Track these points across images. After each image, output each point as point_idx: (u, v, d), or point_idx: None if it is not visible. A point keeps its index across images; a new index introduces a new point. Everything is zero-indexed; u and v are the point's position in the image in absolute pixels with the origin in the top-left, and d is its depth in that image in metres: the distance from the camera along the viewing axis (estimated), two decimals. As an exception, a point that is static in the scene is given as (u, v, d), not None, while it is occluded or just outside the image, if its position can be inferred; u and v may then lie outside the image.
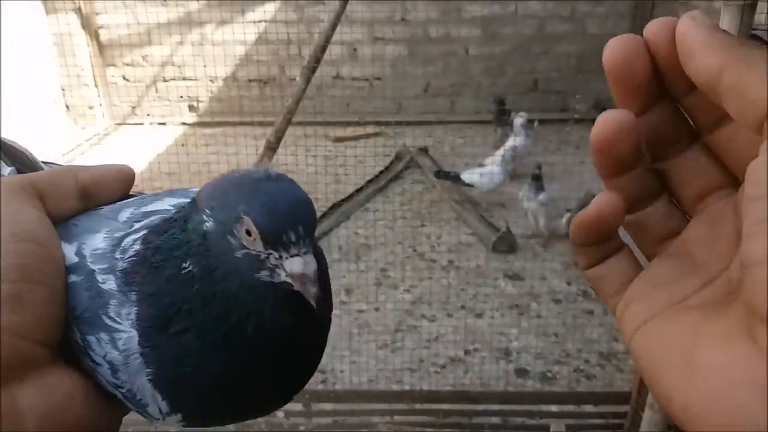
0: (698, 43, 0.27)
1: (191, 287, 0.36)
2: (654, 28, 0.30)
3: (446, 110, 6.27)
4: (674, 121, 0.32)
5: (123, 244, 0.39)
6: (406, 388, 2.57)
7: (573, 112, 5.79)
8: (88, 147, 5.78)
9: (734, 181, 0.31)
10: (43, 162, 0.48)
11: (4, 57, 4.89)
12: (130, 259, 0.38)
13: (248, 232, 0.35)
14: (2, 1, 4.86)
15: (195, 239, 0.36)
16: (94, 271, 0.38)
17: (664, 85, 0.31)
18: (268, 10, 6.03)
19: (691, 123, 0.32)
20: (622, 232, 0.34)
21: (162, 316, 0.36)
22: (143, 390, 0.37)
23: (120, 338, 0.36)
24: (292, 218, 0.35)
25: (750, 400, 0.23)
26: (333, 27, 2.37)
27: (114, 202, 0.43)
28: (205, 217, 0.36)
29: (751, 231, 0.24)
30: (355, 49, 6.09)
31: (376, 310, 3.13)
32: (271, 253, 0.35)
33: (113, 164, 0.43)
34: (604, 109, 0.32)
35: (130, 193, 0.45)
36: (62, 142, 5.64)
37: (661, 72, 0.30)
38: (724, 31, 0.27)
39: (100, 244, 0.39)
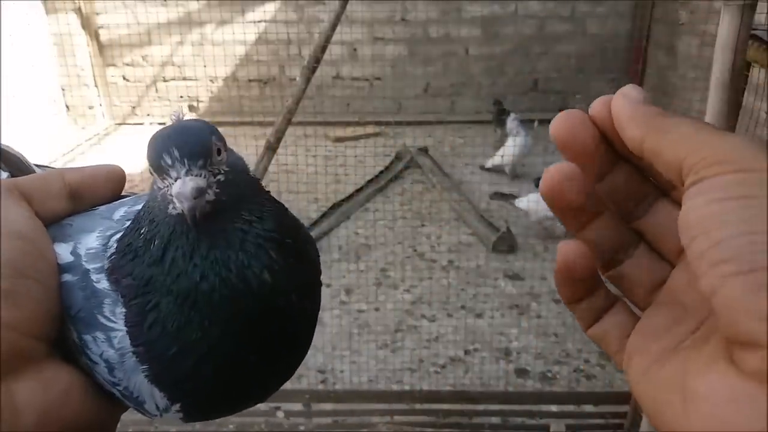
0: (625, 118, 0.31)
1: (147, 254, 0.36)
2: (597, 107, 0.33)
3: (446, 110, 6.27)
4: (637, 182, 0.35)
5: (110, 243, 0.39)
6: (406, 388, 2.57)
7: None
8: (88, 147, 5.78)
9: None
10: (36, 165, 0.48)
11: (4, 57, 4.89)
12: (111, 257, 0.38)
13: (152, 172, 0.36)
14: (2, 1, 4.86)
15: (148, 202, 0.38)
16: (88, 270, 0.38)
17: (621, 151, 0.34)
18: (268, 10, 6.04)
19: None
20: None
21: (137, 313, 0.36)
22: (140, 387, 0.37)
23: (115, 337, 0.36)
24: (165, 144, 0.35)
25: (735, 417, 0.24)
26: (333, 27, 2.37)
27: (106, 202, 0.43)
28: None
29: (696, 270, 0.26)
30: (355, 49, 6.09)
31: (376, 310, 3.13)
32: (166, 186, 0.35)
33: (103, 165, 0.44)
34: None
35: (127, 192, 0.45)
36: (62, 142, 5.65)
37: (612, 141, 0.33)
38: (650, 103, 0.31)
39: (93, 243, 0.39)
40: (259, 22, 5.91)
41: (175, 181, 0.35)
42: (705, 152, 0.27)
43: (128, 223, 0.40)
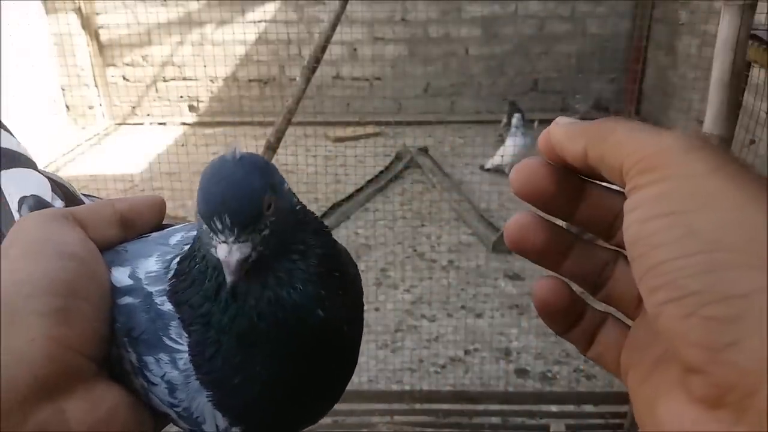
0: (563, 137, 0.32)
1: (202, 285, 0.37)
2: (542, 141, 0.34)
3: (446, 110, 6.27)
4: (609, 198, 0.35)
5: (171, 266, 0.40)
6: (406, 388, 2.57)
7: (573, 112, 5.79)
8: (88, 147, 5.78)
9: None
10: (84, 195, 0.49)
11: (4, 57, 4.89)
12: (171, 281, 0.39)
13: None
14: (2, 1, 4.86)
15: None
16: (151, 293, 0.39)
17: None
18: (268, 10, 6.03)
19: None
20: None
21: (198, 342, 0.37)
22: (203, 409, 0.37)
23: (181, 358, 0.37)
24: (219, 206, 0.35)
25: None
26: (333, 27, 2.36)
27: (151, 229, 0.44)
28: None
29: (642, 294, 0.26)
30: (355, 49, 6.08)
31: (376, 310, 3.13)
32: (213, 239, 0.36)
33: (147, 195, 0.46)
34: (604, 108, 0.33)
35: (169, 220, 0.47)
36: (62, 142, 5.64)
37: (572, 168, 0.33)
38: (580, 120, 0.32)
39: (153, 267, 0.40)
40: (259, 22, 5.91)
41: (221, 243, 0.35)
42: (638, 155, 0.28)
43: (186, 248, 0.40)
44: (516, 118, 4.64)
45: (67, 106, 6.18)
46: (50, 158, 5.32)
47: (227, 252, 0.35)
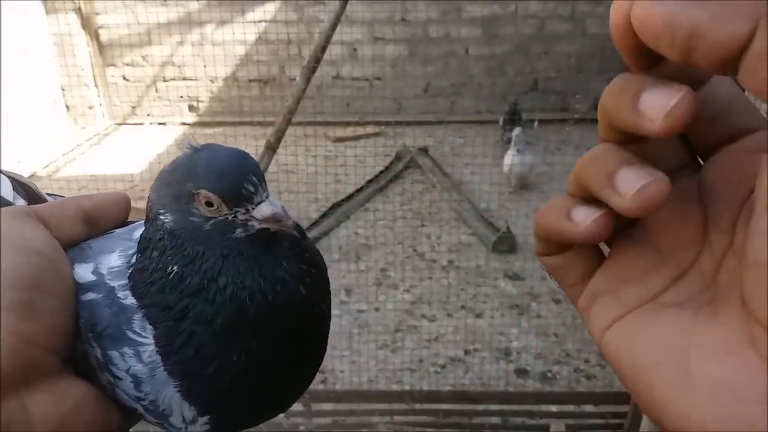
0: (708, 20, 0.22)
1: (181, 287, 0.37)
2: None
3: (446, 110, 6.27)
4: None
5: (133, 261, 0.40)
6: (406, 388, 2.57)
7: (573, 112, 5.79)
8: (88, 147, 5.78)
9: (695, 160, 0.30)
10: (47, 194, 0.50)
11: (4, 57, 4.89)
12: (131, 276, 0.39)
13: (209, 203, 0.36)
14: (2, 1, 4.86)
15: (166, 243, 0.38)
16: (114, 288, 0.38)
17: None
18: (268, 10, 6.03)
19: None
20: None
21: (166, 334, 0.37)
22: (169, 400, 0.37)
23: (145, 351, 0.37)
24: (241, 173, 0.36)
25: (762, 418, 0.22)
26: (333, 27, 2.36)
27: (116, 226, 0.44)
28: (162, 217, 0.38)
29: (758, 229, 0.22)
30: (355, 49, 6.08)
31: (376, 310, 3.13)
32: (237, 211, 0.36)
33: (111, 192, 0.45)
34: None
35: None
36: (62, 142, 5.64)
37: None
38: None
39: (116, 262, 0.40)
40: (259, 22, 5.90)
41: (257, 205, 0.36)
42: None
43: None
44: (516, 133, 4.40)
45: (67, 106, 6.17)
46: (50, 158, 5.32)
47: (270, 205, 0.36)
